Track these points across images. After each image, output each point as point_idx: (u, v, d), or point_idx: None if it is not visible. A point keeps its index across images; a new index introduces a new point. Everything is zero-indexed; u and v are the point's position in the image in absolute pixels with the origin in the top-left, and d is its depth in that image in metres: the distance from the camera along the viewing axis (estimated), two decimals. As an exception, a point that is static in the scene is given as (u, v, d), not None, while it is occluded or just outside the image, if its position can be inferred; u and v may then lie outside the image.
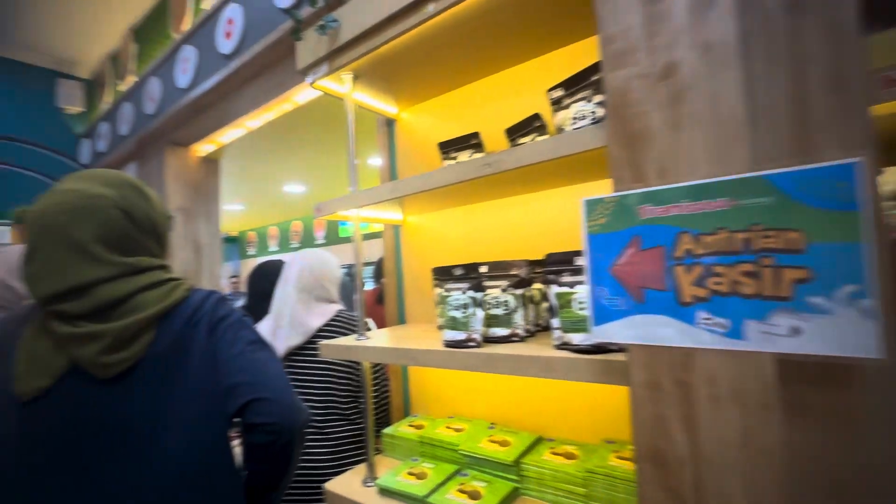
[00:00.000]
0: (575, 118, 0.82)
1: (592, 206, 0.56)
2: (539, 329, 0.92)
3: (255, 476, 0.74)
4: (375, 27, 0.97)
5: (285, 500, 1.26)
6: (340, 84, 1.14)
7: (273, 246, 8.89)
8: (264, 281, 2.37)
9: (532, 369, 0.68)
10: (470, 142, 1.11)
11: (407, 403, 1.36)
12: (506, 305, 0.83)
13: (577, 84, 0.82)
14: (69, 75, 3.80)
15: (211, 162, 3.09)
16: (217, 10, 2.17)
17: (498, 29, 0.96)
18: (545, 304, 0.94)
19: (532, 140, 0.98)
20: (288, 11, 1.68)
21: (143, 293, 0.68)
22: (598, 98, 0.78)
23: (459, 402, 1.21)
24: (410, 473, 0.99)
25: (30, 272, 0.63)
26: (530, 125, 0.98)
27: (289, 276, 1.42)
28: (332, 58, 1.06)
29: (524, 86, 1.11)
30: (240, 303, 1.92)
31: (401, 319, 1.40)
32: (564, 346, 0.71)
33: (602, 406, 0.95)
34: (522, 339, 0.83)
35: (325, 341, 1.09)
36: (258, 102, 2.26)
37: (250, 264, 9.38)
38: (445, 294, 0.86)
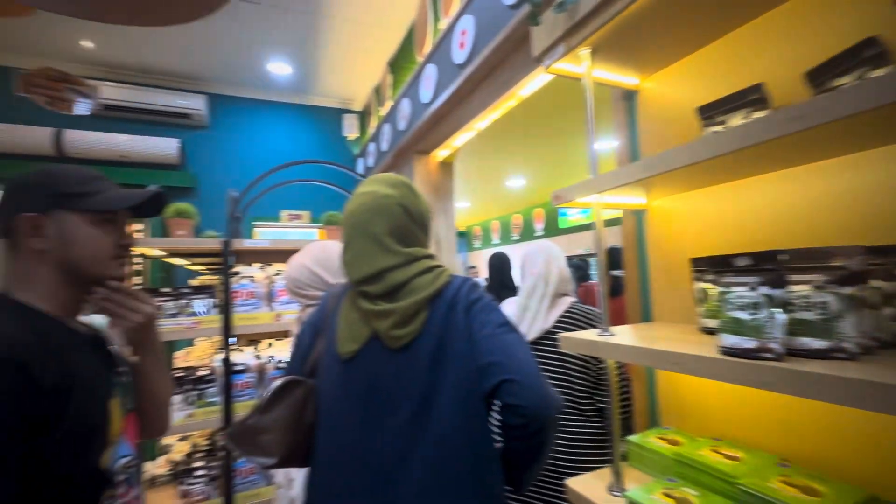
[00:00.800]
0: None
1: None
2: (879, 345, 0.65)
3: (508, 454, 0.77)
4: (619, -11, 0.86)
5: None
6: (577, 63, 1.07)
7: (495, 238, 9.53)
8: (501, 271, 2.56)
9: None
10: (747, 98, 0.88)
11: (653, 411, 1.20)
12: (823, 308, 0.61)
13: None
14: (349, 110, 4.92)
15: (446, 165, 3.48)
16: (452, 26, 2.39)
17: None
18: (889, 311, 0.66)
19: (859, 79, 0.69)
20: (521, 1, 1.71)
21: (418, 278, 0.79)
22: None
23: (730, 422, 0.99)
24: (668, 495, 0.86)
25: (345, 259, 0.82)
26: (857, 56, 0.70)
27: (533, 270, 1.46)
28: (570, 35, 1.00)
29: (822, 14, 0.81)
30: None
31: (645, 316, 1.24)
32: (954, 375, 0.47)
33: None
34: (852, 357, 0.60)
35: (564, 333, 1.05)
36: (487, 103, 2.41)
37: (475, 256, 10.32)
38: (724, 290, 0.69)
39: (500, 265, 2.61)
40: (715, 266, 0.79)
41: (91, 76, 3.71)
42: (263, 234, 4.76)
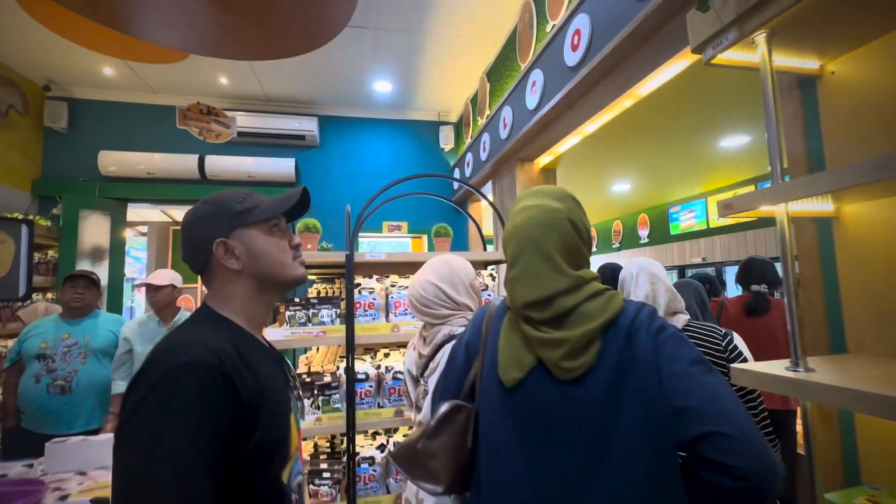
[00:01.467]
0: None
1: None
2: None
3: None
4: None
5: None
6: (748, 51, 0.93)
7: (593, 247, 9.03)
8: (614, 283, 2.38)
9: None
10: None
11: (853, 466, 0.98)
12: None
13: None
14: (445, 122, 5.01)
15: (549, 171, 3.36)
16: (563, 27, 2.29)
17: None
18: None
19: None
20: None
21: (587, 303, 0.71)
22: None
23: None
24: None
25: (512, 276, 0.76)
26: None
27: (636, 292, 1.40)
28: (744, 20, 0.87)
29: None
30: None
31: (836, 347, 1.03)
32: None
33: None
34: None
35: (737, 365, 0.90)
36: (600, 105, 2.26)
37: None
38: None
39: (612, 276, 2.42)
40: None
41: (226, 108, 4.24)
42: (367, 245, 5.02)
